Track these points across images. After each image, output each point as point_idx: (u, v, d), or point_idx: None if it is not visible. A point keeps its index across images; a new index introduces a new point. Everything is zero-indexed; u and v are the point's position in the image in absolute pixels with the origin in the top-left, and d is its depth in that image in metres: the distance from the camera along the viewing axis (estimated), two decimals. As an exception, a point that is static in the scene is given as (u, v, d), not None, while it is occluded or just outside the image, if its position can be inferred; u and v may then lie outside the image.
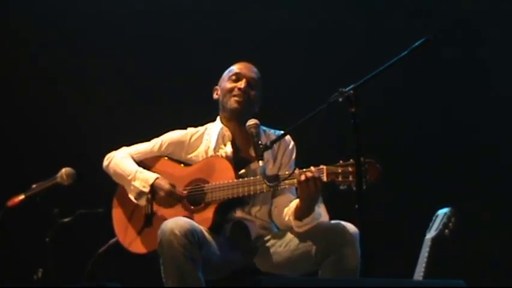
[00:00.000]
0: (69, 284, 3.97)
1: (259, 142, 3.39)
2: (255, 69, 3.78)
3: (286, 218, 3.51)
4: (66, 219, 3.93)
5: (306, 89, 4.85)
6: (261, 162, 3.34)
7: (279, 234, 3.58)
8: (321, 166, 3.31)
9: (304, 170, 3.34)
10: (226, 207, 3.54)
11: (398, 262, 3.87)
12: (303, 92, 4.83)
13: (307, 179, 3.28)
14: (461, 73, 4.82)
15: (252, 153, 3.56)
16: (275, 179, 3.41)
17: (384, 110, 4.70)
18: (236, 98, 3.67)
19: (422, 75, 4.76)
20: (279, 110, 4.59)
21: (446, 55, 4.74)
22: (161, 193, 3.57)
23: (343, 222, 3.37)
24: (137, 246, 3.63)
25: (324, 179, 3.29)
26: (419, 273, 3.30)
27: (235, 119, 3.69)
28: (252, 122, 3.50)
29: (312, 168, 3.32)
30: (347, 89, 2.92)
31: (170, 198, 3.56)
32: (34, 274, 3.85)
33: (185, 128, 3.80)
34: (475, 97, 4.77)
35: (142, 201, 3.62)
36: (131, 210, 3.69)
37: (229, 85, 3.72)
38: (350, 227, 3.31)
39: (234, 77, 3.72)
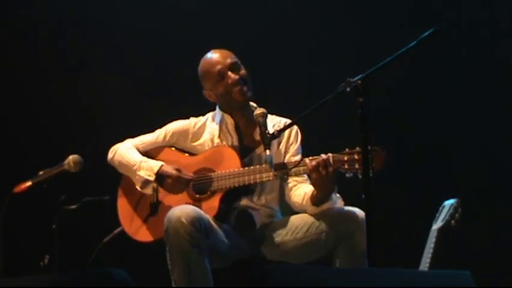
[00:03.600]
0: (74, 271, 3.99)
1: (267, 131, 3.39)
2: (227, 53, 3.71)
3: (304, 202, 3.51)
4: (72, 207, 3.94)
5: (314, 78, 4.83)
6: (268, 152, 3.34)
7: (284, 222, 3.58)
8: (328, 154, 3.32)
9: (313, 157, 3.35)
10: (232, 195, 3.55)
11: (404, 252, 3.87)
12: (311, 81, 4.82)
13: (317, 164, 3.29)
14: (470, 66, 4.79)
15: (257, 137, 3.57)
16: (283, 168, 3.42)
17: (391, 100, 4.68)
18: (238, 90, 3.63)
19: (430, 65, 4.74)
20: (287, 99, 4.58)
21: (456, 48, 4.72)
22: (169, 180, 3.56)
23: (351, 208, 3.40)
24: (142, 235, 3.63)
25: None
26: (425, 264, 3.28)
27: (242, 109, 3.68)
28: (259, 111, 3.50)
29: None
30: (355, 79, 2.90)
31: (178, 183, 3.56)
32: (41, 261, 3.86)
33: (188, 118, 3.79)
34: (484, 89, 4.75)
35: (148, 190, 3.62)
36: (137, 200, 3.69)
37: (222, 86, 3.65)
38: (359, 211, 3.33)
39: (219, 78, 3.65)
